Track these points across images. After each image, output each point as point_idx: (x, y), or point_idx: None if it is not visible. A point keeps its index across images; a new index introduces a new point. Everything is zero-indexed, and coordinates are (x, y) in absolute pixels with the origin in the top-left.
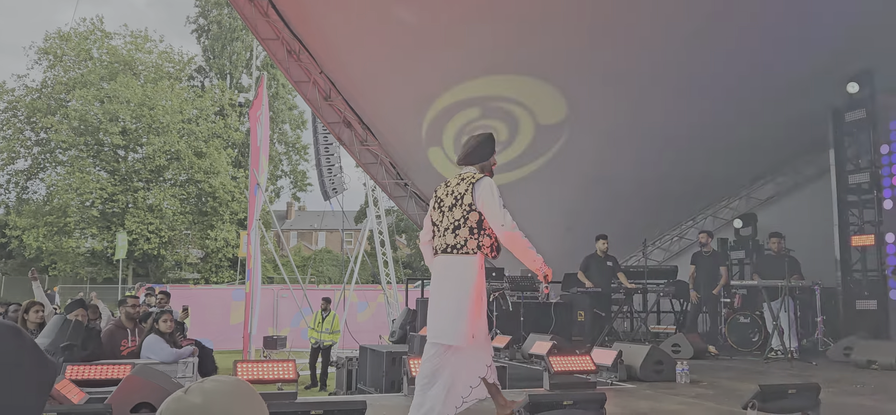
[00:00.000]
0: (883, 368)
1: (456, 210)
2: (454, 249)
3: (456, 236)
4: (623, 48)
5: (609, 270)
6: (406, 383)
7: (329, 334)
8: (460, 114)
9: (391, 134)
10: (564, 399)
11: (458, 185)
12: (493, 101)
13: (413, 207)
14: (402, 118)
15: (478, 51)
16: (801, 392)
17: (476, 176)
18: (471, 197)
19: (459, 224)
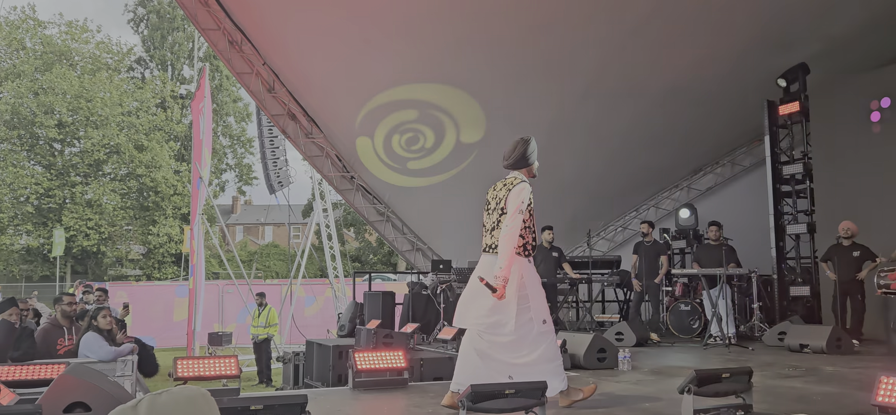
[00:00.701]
0: (814, 351)
1: (495, 213)
2: (492, 248)
3: (492, 237)
4: (563, 41)
5: (554, 260)
6: (351, 376)
7: (264, 329)
8: (398, 112)
9: (336, 126)
10: (506, 388)
11: (500, 189)
12: (429, 108)
13: (360, 201)
14: (344, 108)
15: (424, 55)
16: (734, 376)
17: (515, 181)
18: (505, 201)
19: (497, 226)
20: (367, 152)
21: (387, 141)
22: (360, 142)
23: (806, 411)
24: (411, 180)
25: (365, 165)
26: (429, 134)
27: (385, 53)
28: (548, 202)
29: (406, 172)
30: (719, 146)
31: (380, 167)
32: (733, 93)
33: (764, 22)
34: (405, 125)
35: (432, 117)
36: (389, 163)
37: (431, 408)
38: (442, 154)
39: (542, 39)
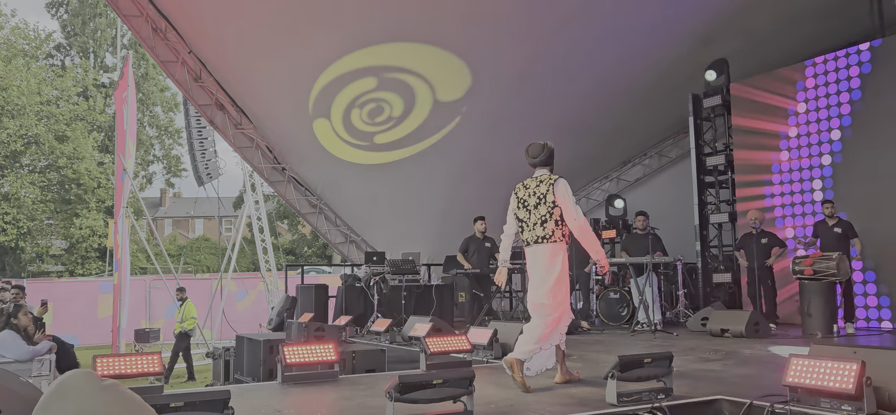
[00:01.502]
0: (734, 335)
1: (541, 207)
2: (544, 239)
3: (544, 229)
4: (495, 37)
5: (487, 251)
6: (280, 370)
7: (180, 323)
8: (354, 84)
9: (268, 116)
10: (435, 379)
11: (538, 186)
12: (390, 72)
13: (292, 192)
14: (282, 96)
15: (375, 16)
16: (656, 361)
17: (553, 177)
18: (552, 195)
19: (546, 219)
20: (327, 134)
21: (346, 118)
22: (318, 125)
23: (723, 392)
24: (381, 156)
25: (327, 149)
26: (395, 101)
27: (323, 26)
28: (482, 193)
29: (374, 148)
30: (647, 138)
31: (343, 148)
32: (660, 87)
33: (687, 19)
34: (365, 97)
35: (396, 82)
36: (353, 141)
37: (361, 399)
38: (416, 120)
39: (471, 31)
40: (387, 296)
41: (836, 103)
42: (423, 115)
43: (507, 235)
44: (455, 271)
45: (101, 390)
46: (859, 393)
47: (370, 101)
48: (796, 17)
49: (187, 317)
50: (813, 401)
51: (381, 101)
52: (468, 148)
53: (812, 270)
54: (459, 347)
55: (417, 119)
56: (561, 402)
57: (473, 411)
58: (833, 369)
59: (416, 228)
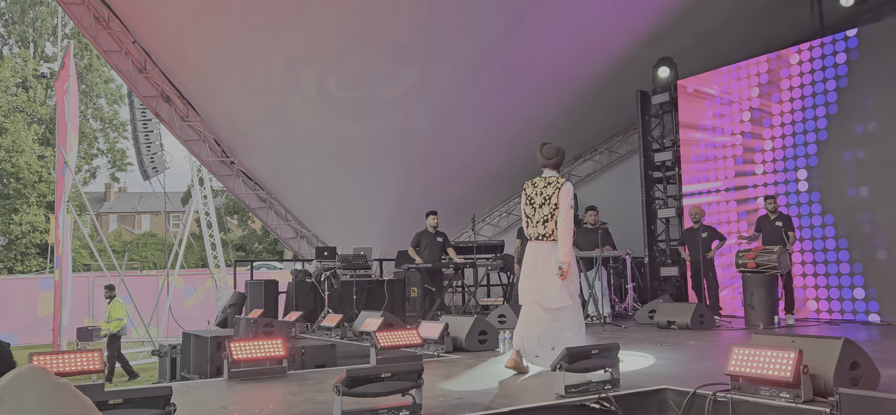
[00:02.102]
0: (680, 327)
1: (545, 207)
2: (544, 237)
3: (545, 227)
4: (448, 31)
5: (439, 245)
6: (227, 367)
7: (107, 323)
8: (324, 45)
9: (216, 109)
10: (383, 372)
11: (545, 187)
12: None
13: (241, 187)
14: (233, 89)
15: (325, 14)
16: (603, 352)
17: (561, 181)
18: (557, 198)
19: (548, 218)
20: (304, 110)
21: (321, 84)
22: (291, 101)
23: (667, 382)
24: (364, 122)
25: (305, 126)
26: (380, 60)
27: (273, 21)
28: (434, 187)
29: (363, 116)
30: (597, 134)
31: (325, 118)
32: (609, 83)
33: (635, 18)
34: (342, 52)
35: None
36: (332, 111)
37: (309, 394)
38: (396, 88)
39: (423, 25)
40: (338, 291)
41: (822, 91)
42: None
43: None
44: (407, 266)
45: (58, 388)
46: (797, 380)
47: (347, 57)
48: (740, 17)
49: (113, 318)
50: (753, 389)
51: (358, 67)
52: (420, 142)
53: (754, 263)
54: (410, 341)
55: (395, 88)
56: (510, 394)
57: (422, 404)
58: (772, 358)
59: (368, 223)
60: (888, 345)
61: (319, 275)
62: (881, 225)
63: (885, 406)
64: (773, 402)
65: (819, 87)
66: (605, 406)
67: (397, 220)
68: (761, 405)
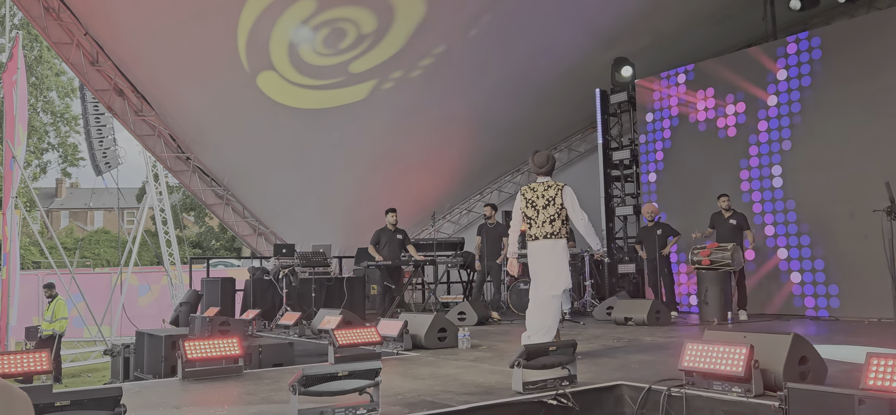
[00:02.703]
0: (637, 323)
1: (549, 208)
2: (552, 235)
3: (552, 226)
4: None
5: (399, 243)
6: (181, 366)
7: (50, 323)
8: (287, 12)
9: (171, 103)
10: (340, 371)
11: (546, 190)
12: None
13: (197, 183)
14: (188, 83)
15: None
16: (561, 349)
17: (560, 184)
18: (561, 199)
19: (554, 218)
20: (277, 86)
21: (293, 57)
22: (263, 79)
23: (623, 378)
24: (359, 90)
25: (286, 104)
26: (361, 17)
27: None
28: (394, 185)
29: (352, 80)
30: (557, 132)
31: (306, 96)
32: (569, 82)
33: (595, 18)
34: (314, 20)
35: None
36: (314, 82)
37: (265, 394)
38: (406, 29)
39: (385, 22)
40: (296, 289)
41: (774, 92)
42: (406, 34)
43: (513, 231)
44: (367, 264)
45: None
46: (748, 375)
47: (322, 27)
48: (697, 19)
49: (57, 317)
50: (706, 384)
51: (335, 24)
52: (380, 139)
53: (709, 260)
54: (369, 339)
55: (400, 34)
56: (468, 391)
57: (379, 403)
58: (724, 354)
59: (327, 220)
60: (837, 339)
61: (277, 272)
62: (836, 223)
63: (830, 400)
64: (725, 396)
65: (771, 88)
66: (563, 402)
67: (357, 217)
68: (714, 400)
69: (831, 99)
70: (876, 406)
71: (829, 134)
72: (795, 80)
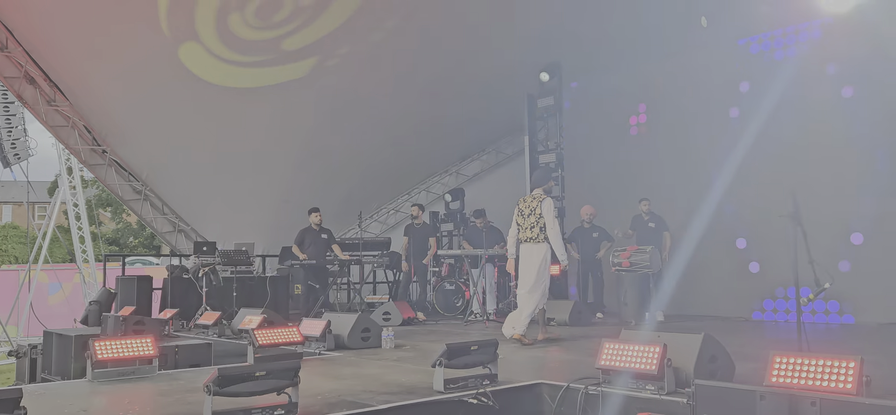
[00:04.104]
0: (559, 323)
1: (532, 217)
2: (532, 240)
3: (532, 232)
4: (338, 23)
5: (324, 242)
6: (90, 367)
7: None
8: (206, 28)
9: (86, 93)
10: (257, 370)
11: (531, 202)
12: None
13: (113, 177)
14: (105, 72)
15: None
16: (482, 348)
17: (542, 196)
18: (540, 210)
19: (534, 225)
20: (201, 58)
21: (221, 29)
22: (185, 50)
23: (544, 377)
24: (301, 67)
25: (209, 80)
26: (263, 47)
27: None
28: (319, 184)
29: (285, 59)
30: (485, 135)
31: (233, 73)
32: (497, 85)
33: (524, 21)
34: (221, 44)
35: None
36: (243, 59)
37: (179, 395)
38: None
39: (314, 22)
40: (217, 288)
41: (705, 97)
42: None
43: (511, 235)
44: (290, 263)
45: None
46: (661, 373)
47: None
48: (625, 24)
49: None
50: (622, 382)
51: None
52: (306, 137)
53: (628, 262)
54: (290, 339)
55: (338, 16)
56: (390, 390)
57: (298, 403)
58: (639, 352)
59: (251, 218)
60: (746, 338)
61: (197, 271)
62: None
63: (734, 395)
64: (639, 394)
65: (702, 93)
66: (483, 401)
67: (282, 215)
68: (629, 397)
69: (747, 108)
70: (775, 401)
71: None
72: (716, 90)
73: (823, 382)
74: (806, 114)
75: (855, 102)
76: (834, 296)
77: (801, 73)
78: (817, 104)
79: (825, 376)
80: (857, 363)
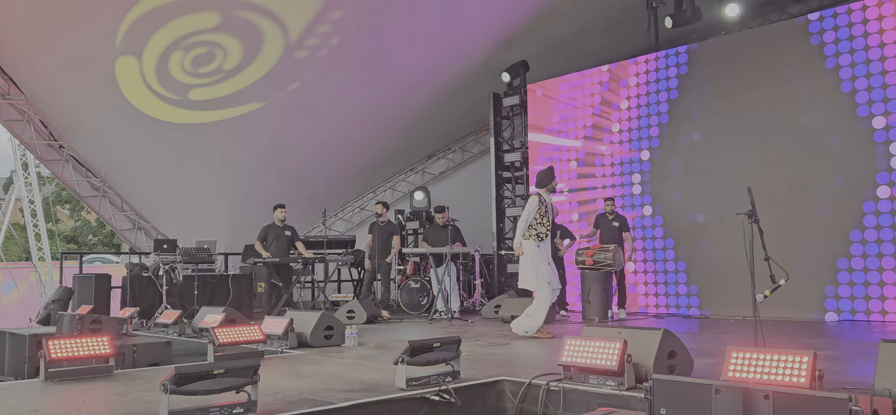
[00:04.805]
0: None
1: (523, 214)
2: (525, 237)
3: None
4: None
5: (287, 239)
6: (43, 367)
7: None
8: (186, 18)
9: (42, 87)
10: (215, 369)
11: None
12: (239, 9)
13: (70, 173)
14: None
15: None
16: (445, 345)
17: (532, 194)
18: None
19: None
20: (131, 78)
21: (163, 61)
22: (122, 64)
23: (506, 374)
24: (190, 115)
25: (125, 94)
26: (232, 48)
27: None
28: (285, 181)
29: (186, 105)
30: (451, 133)
31: (147, 99)
32: (464, 84)
33: (490, 21)
34: (195, 37)
35: (244, 23)
36: (162, 92)
37: (136, 394)
38: (254, 75)
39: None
40: (178, 286)
41: (655, 102)
42: (263, 69)
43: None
44: (253, 261)
45: None
46: (621, 369)
47: (200, 45)
48: (586, 28)
49: None
50: (583, 378)
51: (214, 47)
52: (271, 133)
53: (592, 260)
54: (252, 337)
55: (253, 75)
56: (352, 388)
57: (257, 402)
58: (600, 349)
59: (213, 216)
60: (705, 335)
61: (157, 269)
62: (703, 226)
63: (691, 390)
64: (599, 390)
65: (653, 97)
66: (445, 398)
67: (246, 213)
68: (590, 393)
69: (706, 110)
70: (730, 395)
71: (704, 144)
72: (675, 92)
73: (778, 375)
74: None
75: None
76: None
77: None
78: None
79: (779, 370)
80: (810, 358)
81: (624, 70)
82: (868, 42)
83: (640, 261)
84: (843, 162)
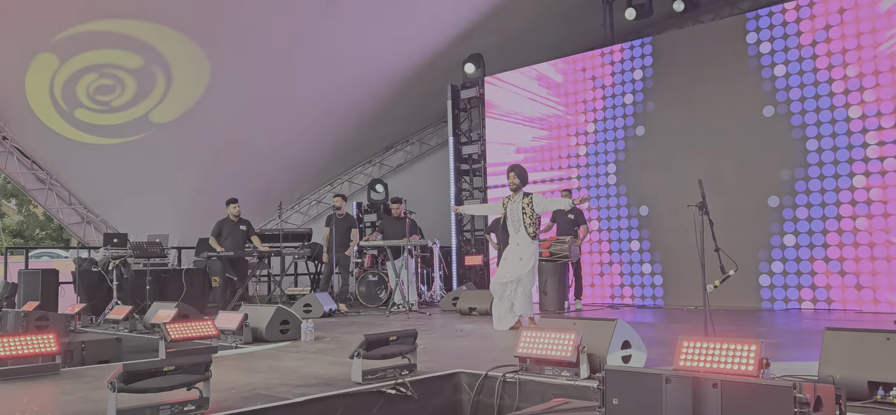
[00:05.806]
0: (481, 313)
1: None
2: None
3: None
4: (259, 14)
5: (242, 233)
6: None
7: None
8: (114, 51)
9: None
10: (165, 365)
11: None
12: (156, 61)
13: (14, 165)
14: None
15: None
16: (401, 339)
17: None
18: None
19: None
20: (41, 75)
21: (77, 75)
22: (41, 59)
23: (463, 366)
24: (71, 131)
25: (26, 92)
26: (129, 88)
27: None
28: (240, 173)
29: (70, 121)
30: (409, 126)
31: (43, 102)
32: (421, 76)
33: (446, 13)
34: (113, 70)
35: (151, 74)
36: (58, 102)
37: (84, 393)
38: (125, 118)
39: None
40: (129, 281)
41: (619, 94)
42: (136, 115)
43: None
44: (207, 255)
45: None
46: (576, 360)
47: (110, 77)
48: (542, 20)
49: None
50: (539, 369)
51: (120, 83)
52: (225, 126)
53: (548, 252)
54: (205, 332)
55: (126, 117)
56: (307, 383)
57: (209, 398)
58: (555, 340)
59: (166, 209)
60: (661, 325)
61: (107, 263)
62: (664, 218)
63: (642, 379)
64: (555, 380)
65: (610, 91)
66: (402, 391)
67: (200, 206)
68: (545, 384)
69: (661, 103)
70: (680, 384)
71: (658, 137)
72: (629, 85)
73: (726, 364)
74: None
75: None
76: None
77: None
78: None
79: (728, 358)
80: (758, 346)
81: (581, 63)
82: (801, 40)
83: (606, 252)
84: (785, 155)
